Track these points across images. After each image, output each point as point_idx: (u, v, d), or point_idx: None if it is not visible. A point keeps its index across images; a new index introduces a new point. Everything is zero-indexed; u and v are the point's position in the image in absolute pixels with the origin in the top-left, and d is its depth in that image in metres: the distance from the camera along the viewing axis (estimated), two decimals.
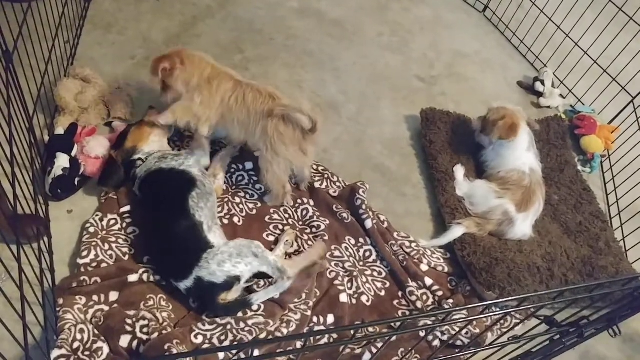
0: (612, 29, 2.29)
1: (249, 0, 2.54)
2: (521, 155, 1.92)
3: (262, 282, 1.55)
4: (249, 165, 1.85)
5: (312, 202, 1.83)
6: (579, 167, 2.22)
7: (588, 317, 1.02)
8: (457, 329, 1.56)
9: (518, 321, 1.64)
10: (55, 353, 1.22)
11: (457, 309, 0.93)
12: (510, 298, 0.97)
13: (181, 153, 1.70)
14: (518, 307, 0.95)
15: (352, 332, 1.37)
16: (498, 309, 1.71)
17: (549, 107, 2.49)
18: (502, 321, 1.69)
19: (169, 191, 1.58)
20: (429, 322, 1.55)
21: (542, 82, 2.50)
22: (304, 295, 1.56)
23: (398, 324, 1.34)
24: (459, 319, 1.53)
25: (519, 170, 1.88)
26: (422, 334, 1.55)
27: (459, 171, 1.99)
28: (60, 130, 1.72)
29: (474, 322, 1.62)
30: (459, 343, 1.56)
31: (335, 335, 1.55)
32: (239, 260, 1.46)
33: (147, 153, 1.70)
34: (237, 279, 1.46)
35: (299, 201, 1.82)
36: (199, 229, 1.51)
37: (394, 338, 1.52)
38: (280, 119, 1.58)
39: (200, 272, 1.45)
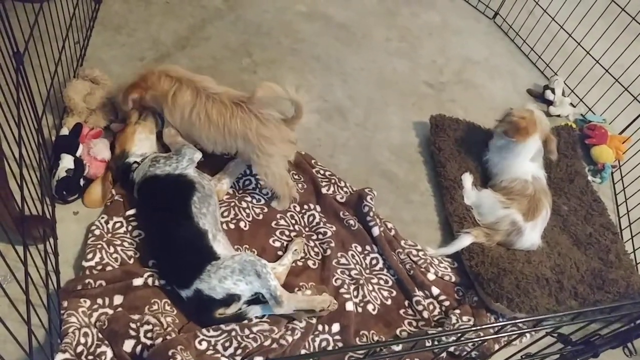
0: (625, 38, 2.26)
1: (257, 3, 2.53)
2: (523, 163, 1.90)
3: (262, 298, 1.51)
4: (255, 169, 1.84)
5: (318, 208, 1.82)
6: (589, 178, 2.19)
7: (603, 335, 1.00)
8: (467, 342, 1.54)
9: (528, 337, 1.61)
10: (59, 357, 1.21)
11: (472, 329, 0.91)
12: (528, 319, 0.95)
13: (171, 155, 1.62)
14: (535, 328, 0.93)
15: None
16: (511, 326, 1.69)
17: (559, 115, 2.47)
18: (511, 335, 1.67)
19: (169, 199, 1.54)
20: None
21: (553, 91, 2.47)
22: None
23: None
24: (471, 337, 1.50)
25: (521, 179, 1.86)
26: (428, 343, 1.52)
27: (467, 179, 1.97)
28: (65, 131, 1.71)
29: (481, 334, 1.59)
30: (465, 354, 1.53)
31: (340, 344, 1.53)
32: (241, 277, 1.42)
33: (142, 155, 1.67)
34: (237, 297, 1.43)
35: (305, 207, 1.81)
36: (204, 238, 1.49)
37: (399, 347, 1.50)
38: (258, 122, 1.53)
39: (200, 285, 1.42)
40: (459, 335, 1.01)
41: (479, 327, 1.08)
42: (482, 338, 0.98)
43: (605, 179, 2.25)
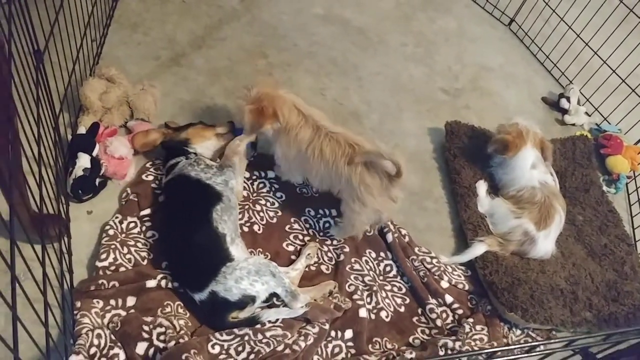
0: None
1: (274, 5, 2.52)
2: (524, 174, 1.88)
3: (276, 302, 1.52)
4: (271, 173, 1.83)
5: (334, 213, 1.80)
6: (604, 188, 2.17)
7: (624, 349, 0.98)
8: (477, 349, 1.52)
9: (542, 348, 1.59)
10: (74, 359, 1.20)
11: (502, 348, 0.87)
12: (560, 340, 0.92)
13: (213, 165, 1.64)
14: (566, 347, 0.91)
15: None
16: (521, 333, 1.67)
17: (573, 124, 2.45)
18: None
19: (193, 201, 1.54)
20: (450, 343, 1.51)
21: (568, 99, 2.45)
22: None
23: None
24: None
25: (527, 187, 1.85)
26: (441, 352, 1.51)
27: (482, 187, 1.96)
28: (82, 130, 1.71)
29: (494, 344, 1.57)
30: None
31: (353, 351, 1.52)
32: (257, 278, 1.43)
33: (200, 153, 1.70)
34: (252, 299, 1.43)
35: (320, 212, 1.80)
36: (221, 241, 1.49)
37: (412, 355, 1.49)
38: (363, 168, 1.51)
39: (216, 287, 1.42)
40: (487, 356, 0.99)
41: (509, 348, 1.06)
42: (513, 357, 0.96)
43: (619, 190, 2.23)
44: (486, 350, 1.03)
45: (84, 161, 1.61)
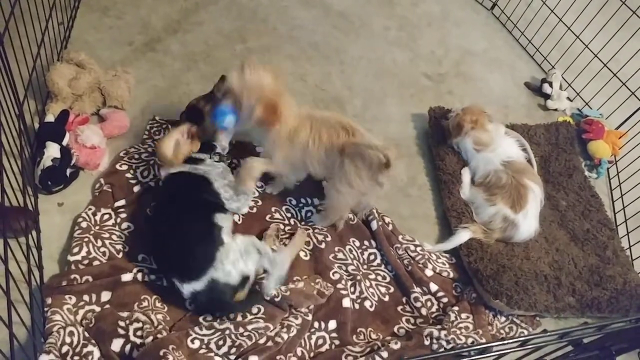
0: (624, 33, 2.23)
1: None
2: (480, 156, 1.90)
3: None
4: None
5: (316, 202, 1.76)
6: (586, 173, 2.17)
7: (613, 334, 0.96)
8: (463, 339, 1.51)
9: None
10: (43, 358, 1.14)
11: (496, 344, 0.85)
12: (552, 332, 0.90)
13: (232, 186, 1.57)
14: (562, 340, 0.88)
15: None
16: (505, 320, 1.67)
17: (556, 109, 2.44)
18: (509, 332, 1.65)
19: (200, 202, 1.50)
20: (435, 332, 1.50)
21: (550, 84, 2.44)
22: None
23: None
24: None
25: (491, 171, 1.84)
26: (426, 342, 1.49)
27: (466, 174, 1.94)
28: (50, 118, 1.62)
29: (480, 332, 1.57)
30: (464, 353, 1.50)
31: (337, 342, 1.49)
32: (247, 257, 1.44)
33: (219, 154, 1.65)
34: (247, 277, 1.44)
35: (302, 201, 1.75)
36: (217, 230, 1.46)
37: (398, 345, 1.46)
38: (357, 151, 1.49)
39: (215, 274, 1.38)
40: (482, 349, 0.96)
41: (504, 342, 1.04)
42: (503, 352, 0.93)
43: (601, 174, 2.24)
44: (473, 347, 1.00)
45: (52, 151, 1.53)
